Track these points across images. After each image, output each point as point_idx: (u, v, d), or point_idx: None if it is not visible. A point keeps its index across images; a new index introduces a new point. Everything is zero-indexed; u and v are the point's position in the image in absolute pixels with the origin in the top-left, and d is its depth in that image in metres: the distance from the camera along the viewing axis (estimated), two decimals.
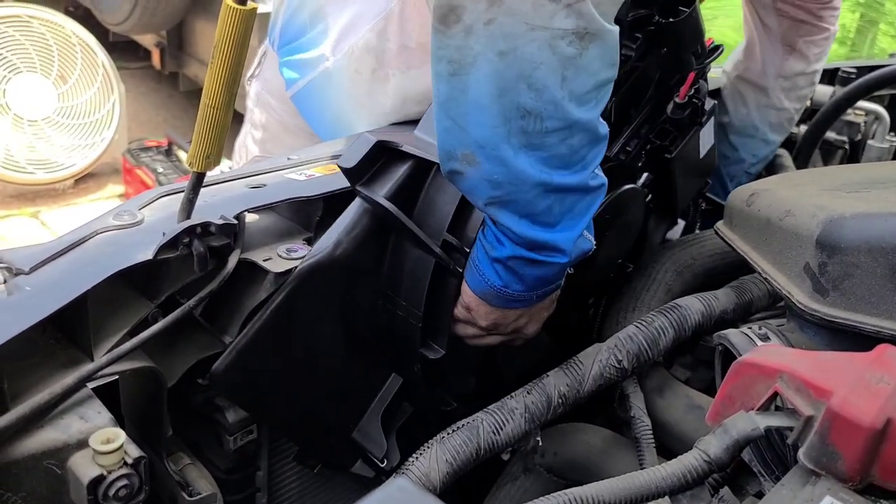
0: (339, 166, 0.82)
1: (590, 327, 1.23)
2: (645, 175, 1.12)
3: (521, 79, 0.69)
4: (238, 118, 1.09)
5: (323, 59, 1.22)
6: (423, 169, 0.86)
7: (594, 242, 0.86)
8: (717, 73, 1.78)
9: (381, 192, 0.82)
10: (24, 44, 3.54)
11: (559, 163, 0.75)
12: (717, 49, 1.11)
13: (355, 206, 0.85)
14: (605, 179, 0.82)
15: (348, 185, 0.95)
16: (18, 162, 3.57)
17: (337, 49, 1.21)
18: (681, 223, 1.44)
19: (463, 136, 0.73)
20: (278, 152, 1.39)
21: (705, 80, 1.16)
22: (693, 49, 1.03)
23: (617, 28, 0.72)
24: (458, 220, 0.85)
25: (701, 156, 1.23)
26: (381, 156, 0.83)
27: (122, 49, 4.70)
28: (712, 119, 1.22)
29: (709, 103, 1.18)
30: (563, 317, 1.10)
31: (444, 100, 0.73)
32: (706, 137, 1.22)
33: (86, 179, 3.87)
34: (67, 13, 4.01)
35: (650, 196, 1.18)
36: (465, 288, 0.88)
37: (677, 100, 1.09)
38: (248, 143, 1.52)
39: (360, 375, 0.97)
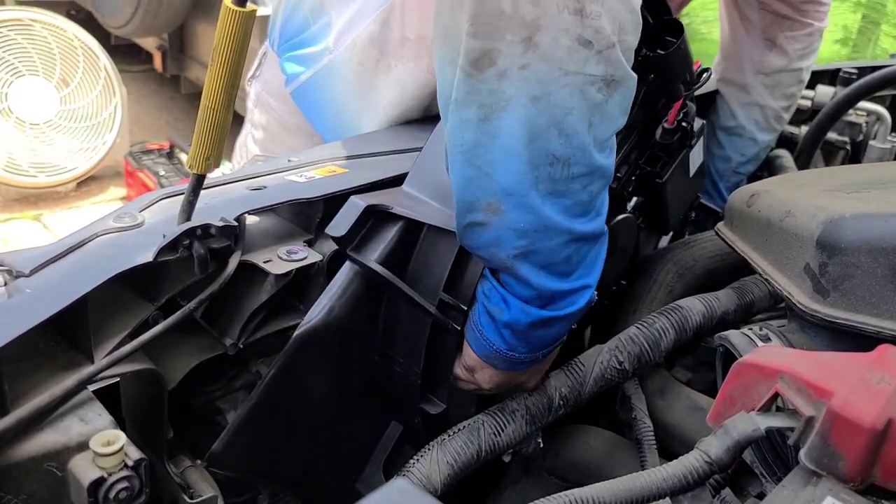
0: (329, 234, 0.81)
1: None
2: (635, 199, 1.11)
3: (553, 124, 0.68)
4: (238, 119, 1.09)
5: (327, 52, 1.22)
6: (414, 228, 0.84)
7: (596, 294, 0.84)
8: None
9: (372, 256, 0.81)
10: (27, 47, 3.55)
11: (579, 210, 0.74)
12: (705, 71, 1.09)
13: (346, 270, 0.84)
14: (606, 227, 0.81)
15: (349, 186, 0.95)
16: (20, 165, 3.58)
17: (340, 42, 1.21)
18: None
19: (489, 185, 0.71)
20: (278, 152, 1.40)
21: (693, 101, 1.14)
22: (682, 78, 1.01)
23: (636, 76, 0.72)
24: (454, 277, 0.83)
25: (691, 175, 1.22)
26: (370, 218, 0.82)
27: (123, 52, 4.71)
28: (702, 138, 1.21)
29: (697, 123, 1.17)
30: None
31: (470, 147, 0.71)
32: (696, 157, 1.20)
33: (88, 182, 3.87)
34: (69, 17, 4.03)
35: (641, 218, 1.17)
36: (467, 349, 0.86)
37: (666, 125, 1.08)
38: (248, 143, 1.52)
39: (361, 428, 0.97)
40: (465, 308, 0.83)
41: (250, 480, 0.90)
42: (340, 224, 0.80)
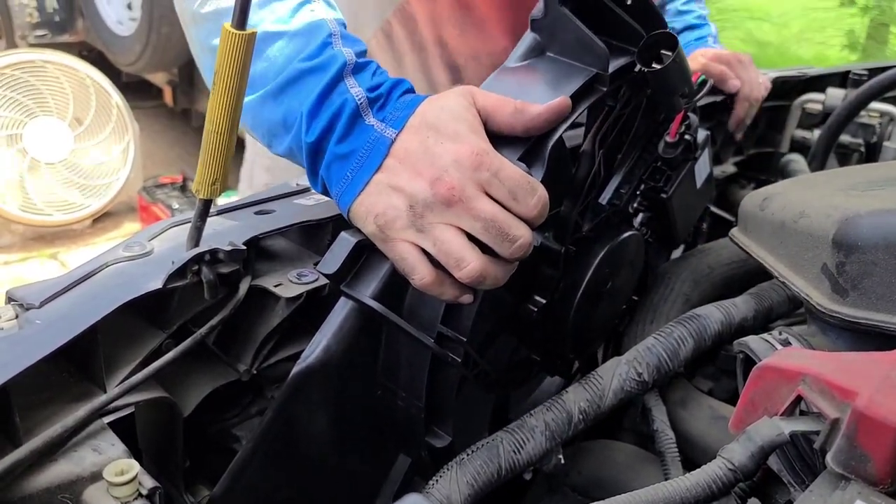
0: (320, 272, 0.79)
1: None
2: (641, 215, 1.10)
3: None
4: (239, 146, 1.09)
5: None
6: None
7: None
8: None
9: (367, 292, 0.78)
10: (40, 88, 3.61)
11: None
12: (704, 84, 1.07)
13: (341, 306, 0.82)
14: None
15: None
16: (36, 204, 3.62)
17: None
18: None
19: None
20: (290, 176, 1.38)
21: (696, 112, 1.12)
22: (681, 91, 1.00)
23: None
24: (451, 309, 0.81)
25: (698, 187, 1.20)
26: (363, 253, 0.80)
27: (134, 89, 4.78)
28: (707, 148, 1.19)
29: (701, 135, 1.15)
30: (569, 364, 1.09)
31: None
32: (702, 169, 1.19)
33: (103, 219, 3.91)
34: (81, 56, 4.09)
35: (648, 232, 1.15)
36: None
37: (668, 139, 1.06)
38: (255, 172, 1.50)
39: (366, 463, 0.94)
40: (464, 340, 0.81)
41: None
42: (331, 261, 0.78)
